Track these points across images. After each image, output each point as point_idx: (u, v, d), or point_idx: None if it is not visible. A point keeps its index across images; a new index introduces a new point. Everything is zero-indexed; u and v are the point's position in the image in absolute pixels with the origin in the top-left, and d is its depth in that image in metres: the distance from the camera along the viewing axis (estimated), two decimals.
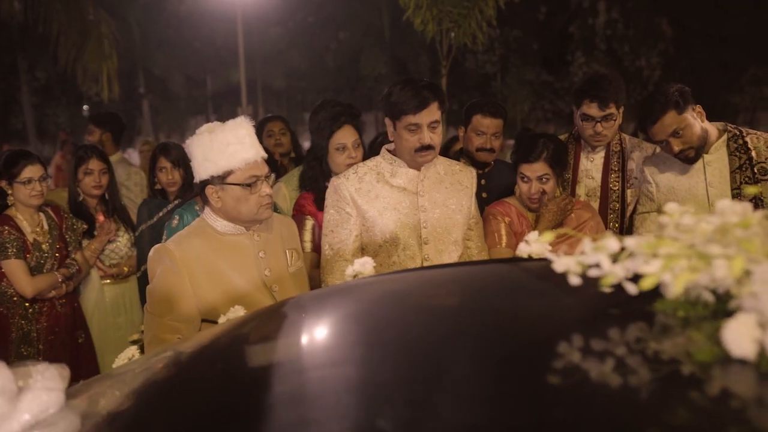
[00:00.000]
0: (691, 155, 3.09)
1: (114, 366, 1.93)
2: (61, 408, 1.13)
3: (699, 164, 3.17)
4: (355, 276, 1.73)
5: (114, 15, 10.86)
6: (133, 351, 1.96)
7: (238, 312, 2.06)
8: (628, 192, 3.49)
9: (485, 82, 21.52)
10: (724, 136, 3.16)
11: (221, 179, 2.41)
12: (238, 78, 19.78)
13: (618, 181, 3.50)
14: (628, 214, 3.50)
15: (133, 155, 17.49)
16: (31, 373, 1.16)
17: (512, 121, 19.51)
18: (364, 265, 1.76)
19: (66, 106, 22.27)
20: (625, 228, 3.50)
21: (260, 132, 4.72)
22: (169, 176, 3.98)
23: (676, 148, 3.05)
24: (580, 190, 3.54)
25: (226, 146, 2.38)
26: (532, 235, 1.61)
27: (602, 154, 3.52)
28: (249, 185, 2.40)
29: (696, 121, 3.06)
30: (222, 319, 2.04)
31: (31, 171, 3.55)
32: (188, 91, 25.15)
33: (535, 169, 3.06)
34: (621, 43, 19.70)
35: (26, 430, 1.10)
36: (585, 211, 3.22)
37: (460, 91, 19.90)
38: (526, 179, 3.09)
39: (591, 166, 3.54)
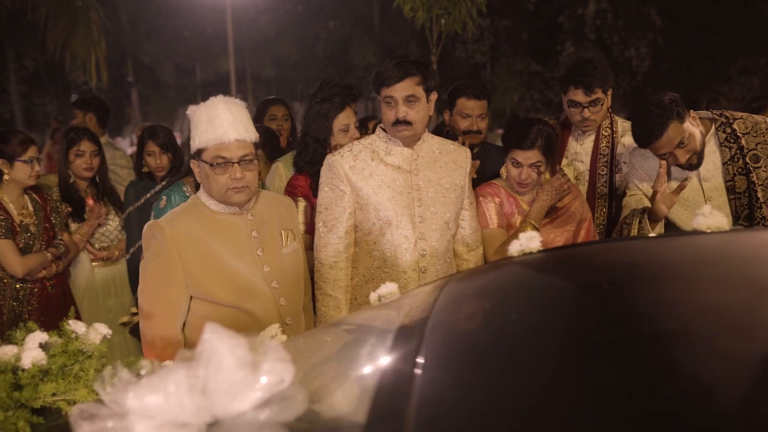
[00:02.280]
0: (694, 162, 3.01)
1: None
2: (292, 380, 1.12)
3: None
4: (521, 252, 1.70)
5: (102, 2, 10.77)
6: (275, 329, 1.95)
7: (390, 289, 2.05)
8: (616, 177, 3.48)
9: (475, 71, 21.52)
10: (712, 128, 3.11)
11: (198, 155, 2.45)
12: (227, 67, 19.66)
13: (606, 166, 3.48)
14: (615, 198, 3.49)
15: (122, 144, 17.42)
16: (255, 344, 1.15)
17: (502, 110, 19.52)
18: (531, 240, 1.74)
19: (54, 95, 22.11)
20: (613, 213, 3.50)
21: (262, 114, 4.71)
22: (157, 161, 3.97)
23: (683, 159, 2.97)
24: (569, 174, 3.52)
25: (198, 124, 2.42)
26: None
27: (592, 138, 3.51)
28: (213, 165, 2.41)
29: (695, 128, 2.99)
30: (373, 297, 2.03)
31: (33, 150, 3.61)
32: (177, 80, 24.98)
33: (528, 156, 3.01)
34: (610, 33, 19.73)
35: (263, 403, 1.09)
36: (571, 191, 3.24)
37: (449, 81, 19.85)
38: (516, 164, 3.05)
39: (580, 149, 3.53)
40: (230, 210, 2.52)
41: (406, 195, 2.84)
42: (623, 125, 3.52)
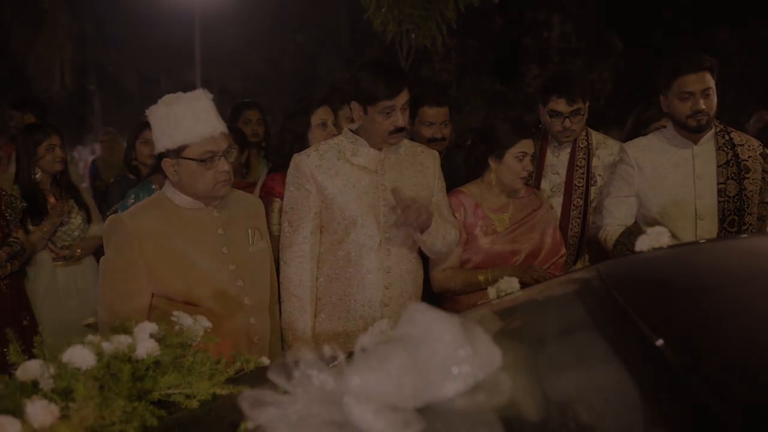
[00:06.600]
0: (703, 122, 3.12)
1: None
2: (499, 366, 1.07)
3: (688, 155, 3.21)
4: (650, 248, 1.72)
5: (68, 8, 10.64)
6: (385, 324, 1.93)
7: (511, 283, 1.99)
8: (592, 189, 3.51)
9: (441, 90, 21.70)
10: (713, 130, 3.22)
11: (177, 153, 2.38)
12: (192, 78, 19.55)
13: (582, 178, 3.50)
14: (590, 211, 3.51)
15: (83, 152, 17.12)
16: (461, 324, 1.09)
17: (467, 128, 19.67)
18: (661, 235, 1.76)
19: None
20: (588, 224, 3.52)
21: (236, 117, 4.70)
22: (152, 150, 3.89)
23: (703, 106, 3.09)
24: (545, 185, 3.55)
25: (181, 120, 2.36)
26: None
27: (568, 150, 3.52)
28: (203, 161, 2.37)
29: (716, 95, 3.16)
30: (491, 292, 1.97)
31: None
32: (141, 90, 24.70)
33: (532, 145, 3.13)
34: (574, 57, 20.07)
35: (474, 388, 1.03)
36: (535, 198, 3.29)
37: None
38: (521, 156, 3.09)
39: (557, 161, 3.54)
40: (196, 205, 2.48)
41: (371, 195, 2.86)
42: (597, 138, 3.56)
